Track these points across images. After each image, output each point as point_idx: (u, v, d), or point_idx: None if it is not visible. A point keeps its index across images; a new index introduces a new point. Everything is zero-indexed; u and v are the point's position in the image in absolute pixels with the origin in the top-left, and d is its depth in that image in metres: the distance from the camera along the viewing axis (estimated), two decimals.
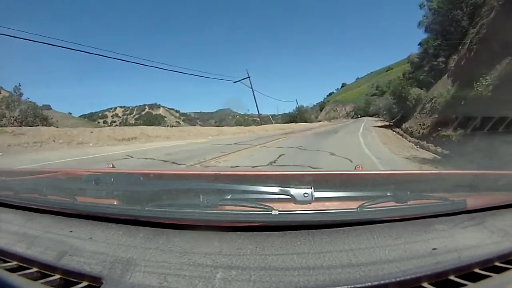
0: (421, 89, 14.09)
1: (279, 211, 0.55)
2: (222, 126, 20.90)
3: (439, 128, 8.14)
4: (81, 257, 0.52)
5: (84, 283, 0.47)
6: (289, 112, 40.64)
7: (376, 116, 52.24)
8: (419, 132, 10.28)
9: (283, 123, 31.46)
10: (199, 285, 0.44)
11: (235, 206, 0.58)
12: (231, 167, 5.10)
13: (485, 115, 5.63)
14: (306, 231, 0.57)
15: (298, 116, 37.07)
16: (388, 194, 0.60)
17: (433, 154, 7.01)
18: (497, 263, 0.49)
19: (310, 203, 0.57)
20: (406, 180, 0.71)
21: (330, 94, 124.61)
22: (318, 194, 0.58)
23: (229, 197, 0.59)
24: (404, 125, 13.83)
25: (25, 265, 0.53)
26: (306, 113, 41.65)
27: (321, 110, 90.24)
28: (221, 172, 0.69)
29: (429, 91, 12.85)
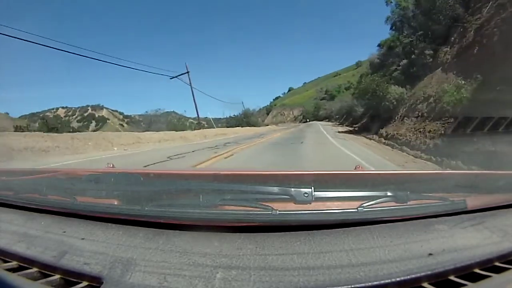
0: (405, 87, 11.91)
1: (279, 211, 0.55)
2: (145, 131, 15.30)
3: (475, 139, 5.15)
4: (81, 257, 0.52)
5: (84, 283, 0.47)
6: (235, 115, 36.02)
7: (327, 120, 50.81)
8: (424, 143, 7.21)
9: (228, 127, 27.75)
10: (199, 285, 0.44)
11: (235, 206, 0.58)
12: None
13: None
14: (306, 231, 0.57)
15: (244, 120, 33.81)
16: (388, 194, 0.60)
17: None
18: (497, 263, 0.49)
19: (310, 203, 0.57)
20: (406, 180, 0.71)
21: (277, 98, 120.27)
22: (318, 194, 0.58)
23: (229, 197, 0.59)
24: (383, 131, 11.02)
25: (25, 265, 0.53)
26: (252, 116, 38.12)
27: (268, 114, 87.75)
28: (221, 172, 0.69)
29: (414, 89, 10.98)
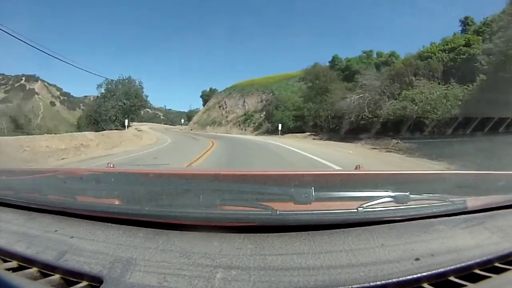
0: None
1: (279, 211, 0.55)
2: None
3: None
4: (81, 257, 0.52)
5: (84, 283, 0.47)
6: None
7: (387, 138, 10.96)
8: None
9: None
10: (199, 285, 0.44)
11: (235, 206, 0.58)
12: None
13: None
14: (306, 231, 0.57)
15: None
16: (388, 194, 0.60)
17: None
18: (497, 264, 0.49)
19: (310, 203, 0.57)
20: (406, 180, 0.71)
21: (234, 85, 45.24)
22: (318, 194, 0.58)
23: (229, 197, 0.59)
24: None
25: (25, 264, 0.53)
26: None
27: (204, 106, 47.77)
28: (221, 172, 0.69)
29: None
